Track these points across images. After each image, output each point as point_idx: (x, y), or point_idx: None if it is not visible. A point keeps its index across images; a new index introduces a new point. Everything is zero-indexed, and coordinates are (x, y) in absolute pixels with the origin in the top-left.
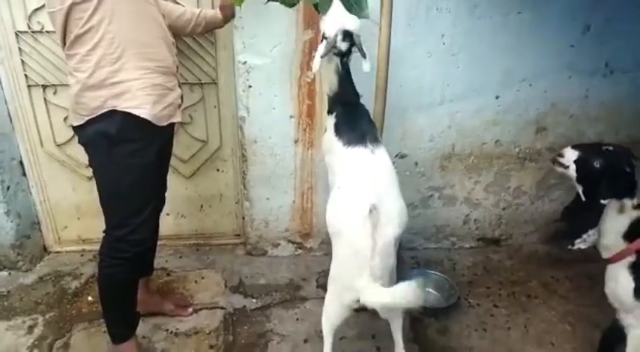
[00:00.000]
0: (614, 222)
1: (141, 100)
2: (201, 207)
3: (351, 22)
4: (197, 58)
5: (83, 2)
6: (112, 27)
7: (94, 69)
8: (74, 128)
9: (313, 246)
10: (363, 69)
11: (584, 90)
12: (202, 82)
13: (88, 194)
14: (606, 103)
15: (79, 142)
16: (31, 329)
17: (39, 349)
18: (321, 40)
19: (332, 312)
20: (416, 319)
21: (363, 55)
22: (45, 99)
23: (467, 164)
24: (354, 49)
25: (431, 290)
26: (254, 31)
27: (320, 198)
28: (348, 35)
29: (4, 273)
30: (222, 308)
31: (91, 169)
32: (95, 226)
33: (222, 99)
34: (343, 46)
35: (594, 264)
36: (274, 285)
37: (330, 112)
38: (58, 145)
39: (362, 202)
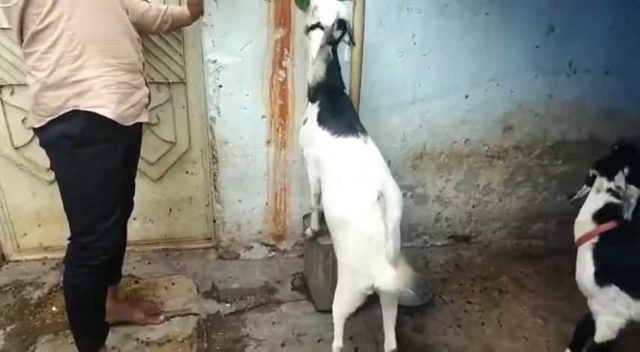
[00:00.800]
0: (590, 201)
1: (105, 99)
2: (170, 210)
3: (345, 10)
4: (164, 56)
5: None
6: (71, 23)
7: (53, 67)
8: (34, 130)
9: (287, 248)
10: (343, 57)
11: (548, 89)
12: (170, 81)
13: (49, 199)
14: (569, 102)
15: (40, 144)
16: None
17: None
18: (307, 31)
19: (345, 301)
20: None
21: (352, 43)
22: (1, 99)
23: (438, 163)
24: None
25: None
26: (224, 29)
27: (293, 199)
28: (342, 23)
29: None
30: (195, 314)
31: (52, 173)
32: (57, 233)
33: (190, 99)
34: (337, 34)
35: (562, 257)
36: (248, 289)
37: (312, 101)
38: (15, 148)
39: (369, 190)
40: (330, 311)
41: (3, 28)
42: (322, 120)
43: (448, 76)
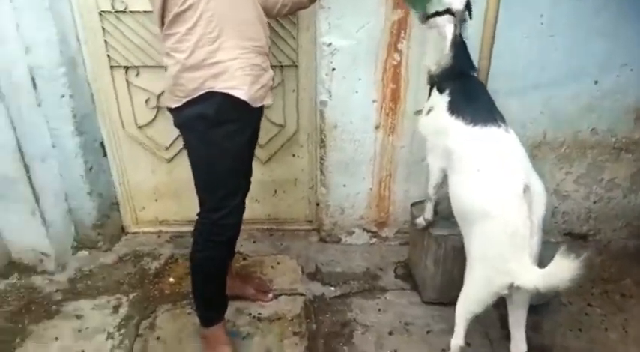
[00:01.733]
0: None
1: (239, 81)
2: (275, 192)
3: None
4: (278, 39)
5: None
6: (210, 5)
7: (193, 49)
8: (170, 110)
9: (389, 235)
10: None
11: None
12: (282, 64)
13: (167, 176)
14: None
15: (175, 124)
16: (116, 308)
17: (126, 328)
18: (430, 17)
19: (476, 300)
20: (502, 314)
21: (470, 17)
22: (127, 80)
23: (558, 153)
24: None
25: None
26: (341, 11)
27: (398, 186)
28: (468, 4)
29: (85, 253)
30: (301, 294)
31: (171, 151)
32: (172, 208)
33: (301, 83)
34: (464, 14)
35: None
36: (351, 274)
37: (440, 90)
38: (139, 127)
39: (515, 182)
40: (438, 303)
41: (131, 12)
42: (455, 109)
43: (576, 59)
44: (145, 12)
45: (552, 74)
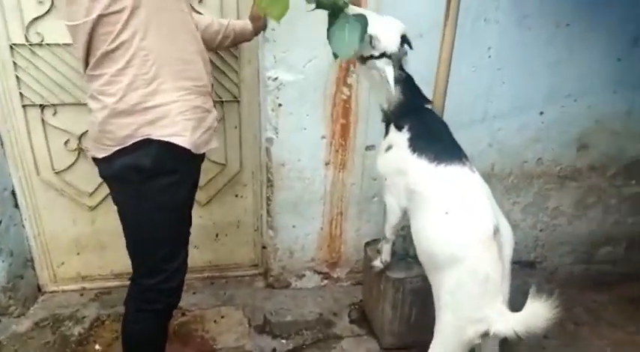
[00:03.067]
0: None
1: (180, 127)
2: (217, 236)
3: (401, 24)
4: (219, 73)
5: (113, 14)
6: (145, 42)
7: (124, 92)
8: (96, 160)
9: (341, 276)
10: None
11: (628, 105)
12: (223, 99)
13: (90, 226)
14: None
15: (102, 176)
16: None
17: None
18: (364, 61)
19: (450, 350)
20: None
21: (410, 47)
22: (43, 120)
23: (506, 184)
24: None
25: None
26: (287, 44)
27: (350, 224)
28: (404, 39)
29: None
30: None
31: (94, 198)
32: (96, 261)
33: (244, 119)
34: (402, 51)
35: (634, 283)
36: (303, 322)
37: (398, 128)
38: (56, 172)
39: (485, 225)
40: (397, 348)
41: (48, 44)
42: (417, 147)
43: (523, 91)
44: (63, 45)
45: (500, 106)
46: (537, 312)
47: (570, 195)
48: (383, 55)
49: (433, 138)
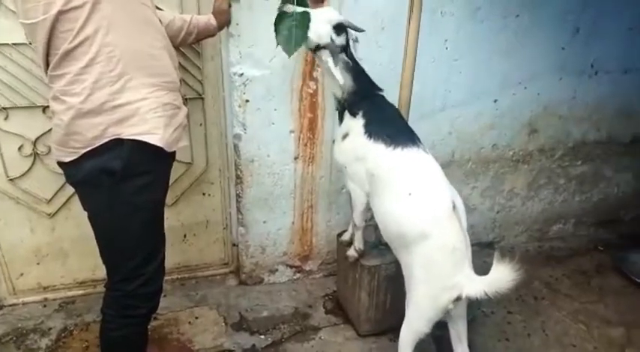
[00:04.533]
0: None
1: (151, 124)
2: (185, 236)
3: (332, 13)
4: (181, 71)
5: (73, 9)
6: (110, 38)
7: (90, 91)
8: (62, 165)
9: (313, 268)
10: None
11: (572, 91)
12: (187, 97)
13: (49, 234)
14: (590, 103)
15: (69, 181)
16: None
17: None
18: (314, 51)
19: (425, 321)
20: (438, 336)
21: (359, 30)
22: None
23: (465, 170)
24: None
25: None
26: (252, 38)
27: (320, 216)
28: (339, 27)
29: None
30: (229, 350)
31: (53, 205)
32: (58, 270)
33: (209, 116)
34: (340, 40)
35: (584, 258)
36: (279, 317)
37: (353, 114)
38: (10, 180)
39: (445, 201)
40: (374, 334)
41: None
42: (372, 133)
43: (478, 80)
44: (14, 44)
45: (458, 96)
46: (502, 274)
47: (523, 178)
48: (318, 47)
49: (387, 122)
